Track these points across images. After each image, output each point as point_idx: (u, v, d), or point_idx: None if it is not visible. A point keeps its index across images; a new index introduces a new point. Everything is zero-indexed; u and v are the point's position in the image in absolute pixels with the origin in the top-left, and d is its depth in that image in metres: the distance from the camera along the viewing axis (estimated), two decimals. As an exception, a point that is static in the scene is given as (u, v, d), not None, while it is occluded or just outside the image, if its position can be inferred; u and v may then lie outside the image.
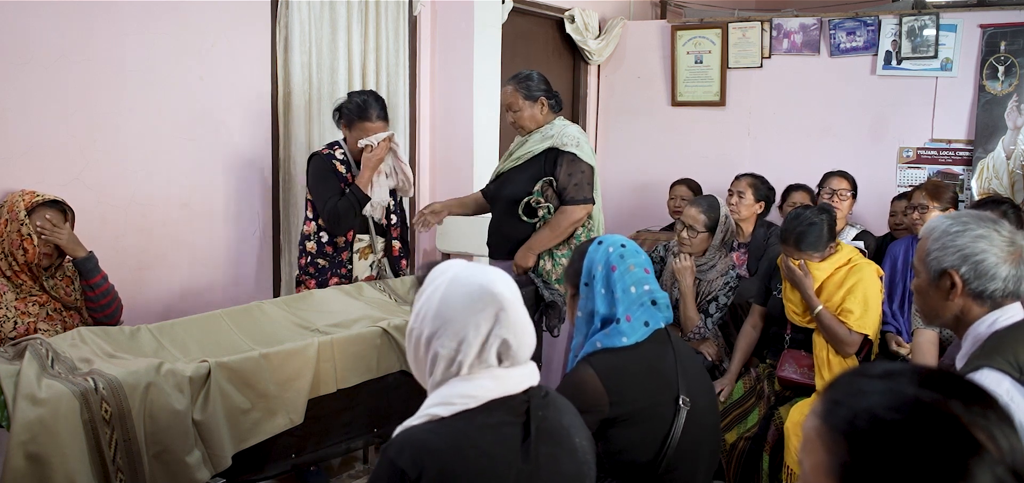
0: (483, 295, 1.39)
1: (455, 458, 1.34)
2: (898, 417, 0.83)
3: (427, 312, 1.41)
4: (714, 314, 3.24)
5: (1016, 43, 4.28)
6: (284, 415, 2.26)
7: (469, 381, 1.39)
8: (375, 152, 3.10)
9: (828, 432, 0.87)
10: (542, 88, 3.24)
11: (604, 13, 5.42)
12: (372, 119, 3.12)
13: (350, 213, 3.06)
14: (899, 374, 0.88)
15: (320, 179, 3.10)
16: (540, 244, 3.18)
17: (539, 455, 1.40)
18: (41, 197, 2.66)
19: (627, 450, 1.95)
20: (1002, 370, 1.58)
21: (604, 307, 2.00)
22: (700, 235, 3.23)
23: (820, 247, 2.89)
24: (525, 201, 3.18)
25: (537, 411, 1.43)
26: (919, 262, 1.79)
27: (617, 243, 2.05)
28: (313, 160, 3.16)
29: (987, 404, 0.85)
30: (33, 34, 2.84)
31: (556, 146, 3.16)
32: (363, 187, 3.10)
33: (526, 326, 1.44)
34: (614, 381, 1.91)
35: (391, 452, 1.35)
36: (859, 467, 0.83)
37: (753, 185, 3.80)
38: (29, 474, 1.84)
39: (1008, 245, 1.69)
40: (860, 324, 2.79)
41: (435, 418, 1.38)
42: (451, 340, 1.38)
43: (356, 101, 3.15)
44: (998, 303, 1.70)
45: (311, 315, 2.68)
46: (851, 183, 3.89)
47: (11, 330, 2.54)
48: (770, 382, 3.03)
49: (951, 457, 0.80)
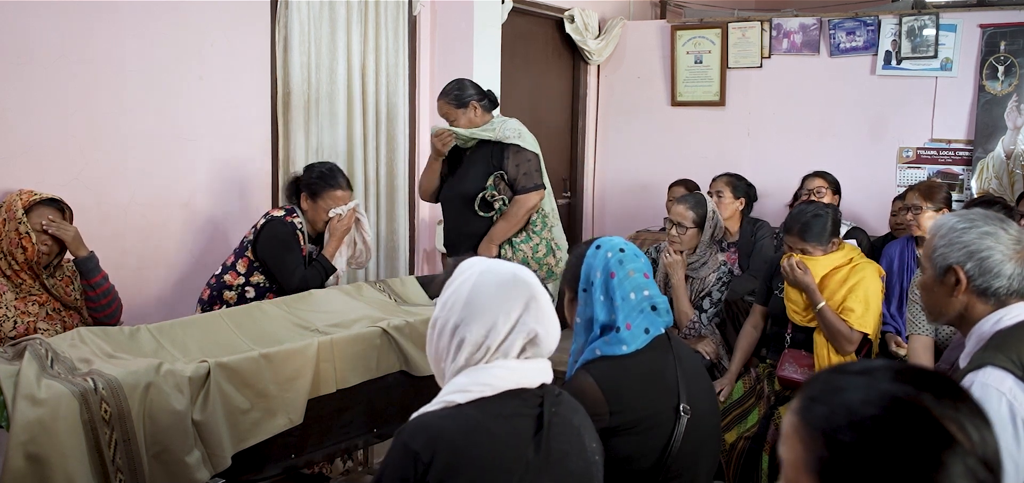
0: (516, 283, 1.44)
1: (467, 444, 1.36)
2: (872, 412, 0.85)
3: (456, 301, 1.44)
4: (709, 309, 3.26)
5: (1016, 43, 4.28)
6: (284, 415, 2.26)
7: (487, 370, 1.41)
8: (343, 221, 3.03)
9: (805, 428, 0.88)
10: (473, 93, 3.38)
11: (604, 13, 5.42)
12: (341, 186, 3.04)
13: (317, 281, 2.95)
14: (875, 370, 0.90)
15: (286, 247, 2.94)
16: (500, 235, 3.35)
17: (549, 449, 1.41)
18: (39, 195, 2.65)
19: (628, 459, 1.92)
20: (1005, 368, 1.58)
21: (603, 314, 1.95)
22: (689, 231, 3.26)
23: (824, 240, 2.92)
24: (480, 196, 3.33)
25: (551, 406, 1.45)
26: (925, 258, 1.79)
27: (615, 248, 1.99)
28: (274, 224, 2.97)
29: (958, 398, 0.86)
30: (33, 34, 2.84)
31: (500, 139, 3.32)
32: (330, 258, 3.03)
33: (553, 318, 1.47)
34: (614, 390, 1.89)
35: (405, 435, 1.37)
36: (836, 462, 0.85)
37: (730, 183, 3.85)
38: (29, 474, 1.84)
39: (1015, 243, 1.70)
40: (861, 322, 2.80)
41: (451, 404, 1.40)
42: (480, 327, 1.40)
43: (320, 170, 3.06)
44: (1003, 301, 1.70)
45: (311, 315, 2.68)
46: (830, 182, 3.91)
47: (11, 329, 2.54)
48: (770, 382, 3.03)
49: (925, 450, 0.82)
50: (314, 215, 3.03)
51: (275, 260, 2.94)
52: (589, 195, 5.70)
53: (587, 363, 1.94)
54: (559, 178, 5.51)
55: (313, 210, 3.03)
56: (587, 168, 5.65)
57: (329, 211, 3.02)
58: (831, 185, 3.91)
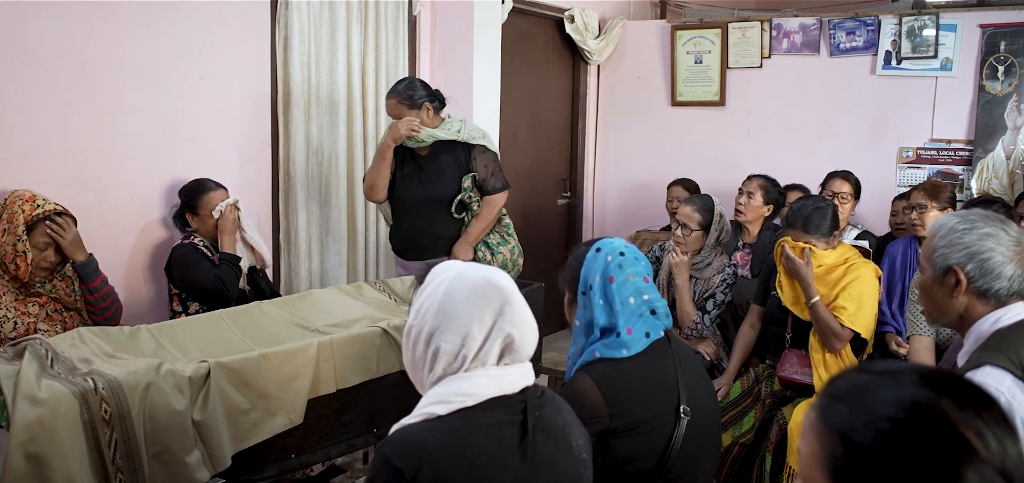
0: (488, 289, 1.39)
1: (451, 458, 1.33)
2: (891, 414, 0.83)
3: (429, 308, 1.40)
4: (711, 311, 3.26)
5: (1016, 43, 4.28)
6: (284, 415, 2.26)
7: (467, 379, 1.38)
8: (226, 216, 3.09)
9: (823, 425, 0.88)
10: (424, 93, 3.37)
11: (604, 13, 5.42)
12: (211, 189, 3.13)
13: (231, 276, 3.03)
14: (900, 372, 0.88)
15: (192, 261, 3.03)
16: (475, 236, 3.41)
17: (536, 455, 1.39)
18: (42, 209, 2.61)
19: (628, 461, 1.92)
20: (1004, 367, 1.58)
21: (603, 318, 1.95)
22: (694, 233, 3.26)
23: (825, 232, 2.93)
24: (458, 199, 3.36)
25: (534, 410, 1.42)
26: (924, 259, 1.79)
27: (615, 251, 1.98)
28: (175, 251, 3.08)
29: (983, 405, 0.84)
30: (33, 34, 2.84)
31: (467, 140, 3.36)
32: (231, 250, 3.09)
33: (529, 321, 1.43)
34: (614, 392, 1.89)
35: (387, 450, 1.34)
36: (850, 462, 0.84)
37: (764, 187, 3.77)
38: (29, 474, 1.84)
39: (1015, 245, 1.70)
40: (852, 320, 2.80)
41: (432, 417, 1.37)
42: (454, 335, 1.37)
43: (188, 187, 3.15)
44: (1002, 302, 1.70)
45: (311, 315, 2.68)
46: (854, 185, 3.88)
47: (11, 330, 2.54)
48: (768, 383, 3.03)
49: (940, 457, 0.81)
50: (204, 225, 3.12)
51: (188, 276, 3.02)
52: (589, 195, 5.70)
53: (587, 365, 1.94)
54: (559, 178, 5.51)
55: (201, 222, 3.13)
56: (587, 168, 5.65)
57: (212, 213, 3.10)
58: (854, 187, 3.89)
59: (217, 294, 2.97)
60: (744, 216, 3.71)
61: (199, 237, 3.12)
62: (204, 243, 3.10)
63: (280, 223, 3.76)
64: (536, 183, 5.29)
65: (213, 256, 3.08)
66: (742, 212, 3.72)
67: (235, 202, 3.15)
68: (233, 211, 3.13)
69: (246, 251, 3.20)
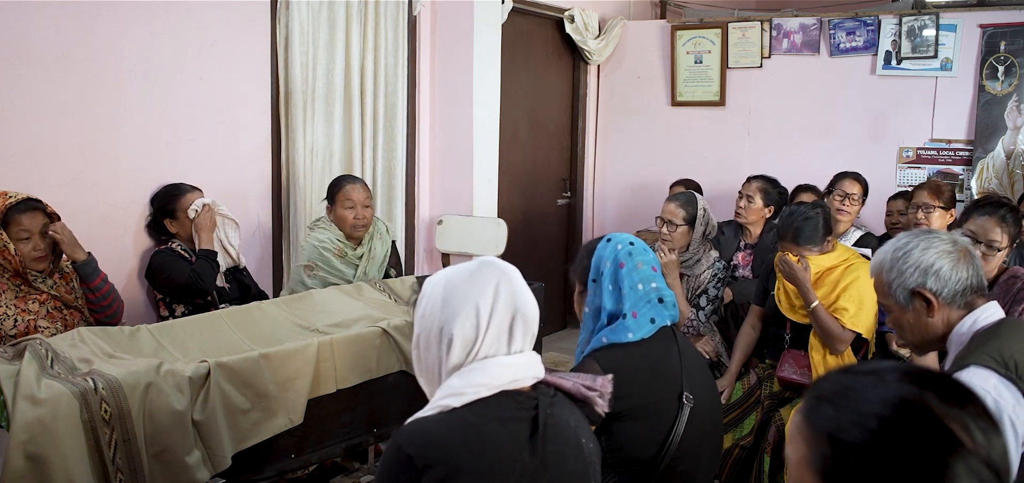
0: (483, 268, 1.45)
1: (463, 449, 1.36)
2: (877, 412, 0.85)
3: (433, 307, 1.44)
4: (705, 306, 3.26)
5: (1016, 43, 4.29)
6: (284, 415, 2.26)
7: (481, 370, 1.41)
8: (202, 215, 3.12)
9: (809, 428, 0.89)
10: None
11: (604, 13, 5.42)
12: (185, 192, 3.16)
13: (207, 269, 3.05)
14: (883, 371, 0.90)
15: (169, 263, 3.06)
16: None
17: (546, 451, 1.41)
18: (14, 198, 2.56)
19: (629, 445, 1.97)
20: (987, 366, 1.62)
21: (611, 303, 2.02)
22: (679, 228, 3.28)
23: (817, 240, 2.92)
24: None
25: (545, 408, 1.45)
26: (884, 299, 1.82)
27: (626, 241, 2.07)
28: (153, 257, 3.12)
29: (965, 400, 0.86)
30: (33, 34, 2.84)
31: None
32: (209, 246, 3.11)
33: (528, 293, 1.48)
34: (618, 376, 1.92)
35: (400, 438, 1.37)
36: (840, 462, 0.85)
37: (763, 190, 3.76)
38: (29, 474, 1.84)
39: (951, 245, 1.75)
40: (854, 322, 2.80)
41: (446, 409, 1.40)
42: (465, 318, 1.40)
43: (162, 193, 3.19)
44: (972, 304, 1.75)
45: (311, 315, 2.68)
46: (863, 186, 3.87)
47: (11, 328, 2.53)
48: (768, 385, 3.03)
49: (928, 451, 0.82)
50: (183, 228, 3.16)
51: (167, 277, 3.05)
52: (589, 195, 5.70)
53: (594, 351, 2.00)
54: (559, 178, 5.51)
55: (179, 225, 3.16)
56: (587, 168, 5.65)
57: (188, 214, 3.12)
58: (863, 188, 3.87)
59: (193, 288, 3.00)
60: (746, 218, 3.72)
61: (178, 241, 3.15)
62: (182, 246, 3.14)
63: (280, 224, 3.76)
64: (536, 183, 5.30)
65: (191, 258, 3.11)
66: (742, 215, 3.73)
67: (212, 202, 3.17)
68: (209, 210, 3.15)
69: (223, 251, 3.22)
